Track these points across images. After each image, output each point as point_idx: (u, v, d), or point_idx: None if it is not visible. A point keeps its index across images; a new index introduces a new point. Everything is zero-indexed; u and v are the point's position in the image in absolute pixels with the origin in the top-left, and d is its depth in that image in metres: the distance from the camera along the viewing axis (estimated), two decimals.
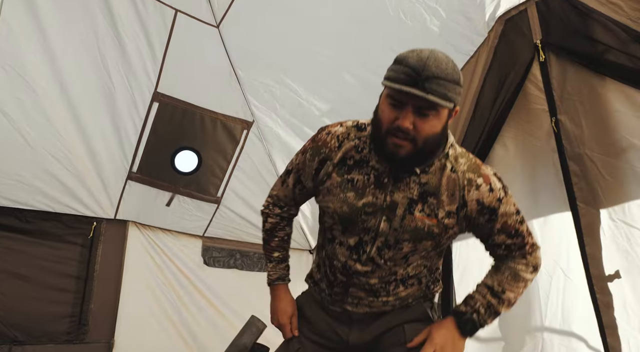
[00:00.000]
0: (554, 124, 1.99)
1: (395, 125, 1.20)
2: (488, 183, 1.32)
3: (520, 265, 1.40)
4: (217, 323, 3.43)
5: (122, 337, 3.10)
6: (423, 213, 1.32)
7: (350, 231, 1.38)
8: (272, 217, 1.59)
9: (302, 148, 1.48)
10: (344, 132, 1.39)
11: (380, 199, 1.33)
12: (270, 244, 1.62)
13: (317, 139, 1.43)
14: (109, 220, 3.22)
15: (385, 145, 1.24)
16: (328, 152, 1.39)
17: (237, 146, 3.37)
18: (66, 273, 3.02)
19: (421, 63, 1.16)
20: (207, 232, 3.59)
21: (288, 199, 1.56)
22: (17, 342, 2.77)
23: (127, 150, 3.09)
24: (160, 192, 3.31)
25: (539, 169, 2.25)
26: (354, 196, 1.34)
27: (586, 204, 1.86)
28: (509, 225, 1.35)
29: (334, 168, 1.37)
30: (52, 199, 2.97)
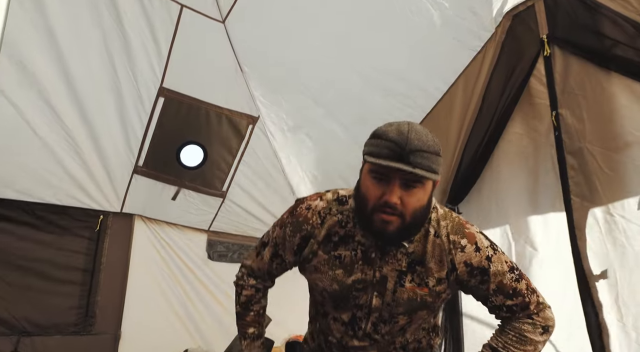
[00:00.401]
0: (554, 117, 1.98)
1: (382, 201, 1.16)
2: (473, 243, 1.29)
3: (525, 325, 1.29)
4: (222, 317, 3.46)
5: (128, 330, 3.14)
6: (413, 283, 1.28)
7: (342, 307, 1.33)
8: (247, 289, 1.49)
9: (280, 221, 1.40)
10: (325, 207, 1.32)
11: (370, 275, 1.28)
12: (245, 318, 1.50)
13: (296, 213, 1.35)
14: (116, 213, 3.25)
15: (372, 222, 1.20)
16: (310, 229, 1.32)
17: (242, 141, 3.39)
18: (73, 266, 3.06)
19: (403, 137, 1.14)
20: (212, 226, 3.62)
21: (262, 272, 1.48)
22: (25, 334, 2.81)
23: (133, 145, 3.11)
24: (166, 186, 3.34)
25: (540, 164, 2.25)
26: (342, 273, 1.30)
27: (582, 198, 1.85)
28: (505, 285, 1.29)
29: (319, 245, 1.31)
30: (60, 192, 3.01)
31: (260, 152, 3.50)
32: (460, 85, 2.65)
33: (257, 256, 1.48)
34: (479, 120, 2.53)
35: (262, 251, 1.46)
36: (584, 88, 1.93)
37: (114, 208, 3.24)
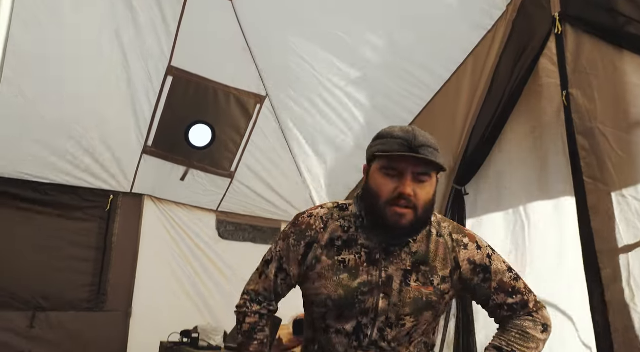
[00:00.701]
0: (565, 97, 1.95)
1: (397, 194, 1.21)
2: (474, 242, 1.35)
3: (527, 322, 1.33)
4: (231, 295, 3.50)
5: (139, 307, 3.21)
6: (419, 283, 1.30)
7: (346, 316, 1.31)
8: (251, 316, 1.40)
9: (282, 235, 1.40)
10: (326, 213, 1.36)
11: (376, 276, 1.29)
12: (249, 348, 1.41)
13: (298, 222, 1.37)
14: (125, 194, 3.29)
15: (385, 217, 1.23)
16: (314, 234, 1.33)
17: (250, 121, 3.39)
18: (85, 244, 3.12)
19: (410, 134, 1.22)
20: (221, 206, 3.65)
21: (268, 292, 1.41)
22: (40, 309, 2.88)
23: (142, 125, 3.13)
24: (175, 167, 3.36)
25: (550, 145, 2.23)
26: (347, 277, 1.29)
27: (594, 179, 1.83)
28: (505, 283, 1.33)
29: (323, 250, 1.32)
30: (70, 172, 3.05)
31: (268, 132, 3.50)
32: (469, 65, 2.61)
33: (261, 276, 1.41)
34: (488, 101, 2.50)
35: (265, 269, 1.41)
36: (596, 67, 1.90)
37: (124, 188, 3.28)
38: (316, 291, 1.31)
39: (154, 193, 3.40)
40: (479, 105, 2.57)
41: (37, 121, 2.85)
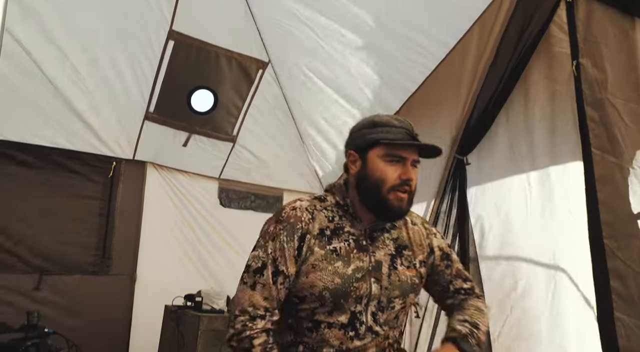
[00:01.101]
0: (575, 67, 1.91)
1: (402, 180, 1.30)
2: (437, 232, 1.51)
3: (479, 303, 1.45)
4: (234, 261, 3.57)
5: (143, 271, 3.27)
6: (404, 266, 1.38)
7: (339, 308, 1.30)
8: (258, 337, 1.25)
9: (268, 236, 1.32)
10: (309, 204, 1.36)
11: (366, 261, 1.33)
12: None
13: (284, 218, 1.33)
14: (128, 160, 3.30)
15: (388, 202, 1.31)
16: (305, 226, 1.32)
17: (252, 86, 3.35)
18: (89, 210, 3.15)
19: (406, 124, 1.35)
20: (223, 174, 3.66)
21: (269, 300, 1.29)
22: (46, 272, 2.93)
23: (144, 90, 3.10)
24: (177, 133, 3.35)
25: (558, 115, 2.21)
26: (342, 264, 1.31)
27: (602, 151, 1.82)
28: (461, 270, 1.48)
29: (315, 241, 1.31)
30: (73, 137, 3.05)
31: (270, 97, 3.47)
32: (475, 33, 2.55)
33: (254, 288, 1.28)
34: (493, 70, 2.46)
35: (258, 278, 1.29)
36: (607, 36, 1.85)
37: (127, 155, 3.28)
38: (310, 284, 1.28)
39: (156, 160, 3.41)
40: (483, 74, 2.53)
41: (41, 85, 2.82)
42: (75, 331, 2.64)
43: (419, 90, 2.98)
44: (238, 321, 1.26)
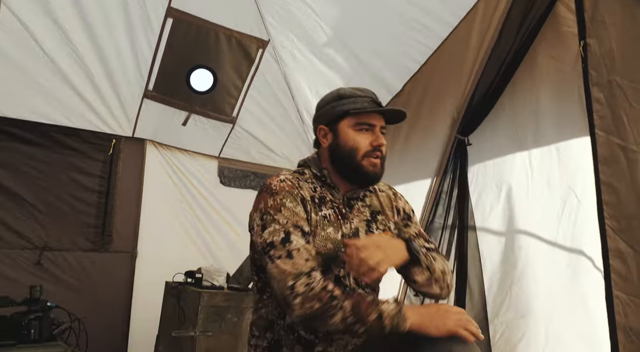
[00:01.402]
0: (582, 47, 1.90)
1: (374, 146, 1.38)
2: (402, 196, 1.59)
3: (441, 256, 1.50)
4: (233, 239, 3.59)
5: (144, 249, 3.28)
6: (379, 230, 1.45)
7: (327, 272, 1.33)
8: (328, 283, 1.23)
9: (274, 208, 1.30)
10: (293, 177, 1.42)
11: (348, 228, 1.40)
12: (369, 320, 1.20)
13: (277, 190, 1.33)
14: (128, 138, 3.28)
15: (362, 168, 1.38)
16: (300, 192, 1.37)
17: (252, 65, 3.32)
18: (88, 187, 3.14)
19: (369, 92, 1.43)
20: (223, 153, 3.65)
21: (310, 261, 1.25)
22: (47, 248, 2.94)
23: (142, 68, 3.07)
24: (177, 112, 3.33)
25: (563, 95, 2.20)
26: (333, 230, 1.37)
27: (607, 132, 1.82)
28: (421, 231, 1.54)
29: (311, 207, 1.37)
30: (72, 114, 3.03)
31: (270, 77, 3.44)
32: (479, 11, 2.53)
33: (291, 257, 1.23)
34: (497, 49, 2.45)
35: (289, 247, 1.25)
36: (614, 16, 1.83)
37: (126, 133, 3.27)
38: None
39: (155, 138, 3.39)
40: (487, 54, 2.52)
41: (40, 62, 2.80)
42: (77, 306, 2.65)
43: (421, 70, 2.97)
44: (298, 286, 1.20)
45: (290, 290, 1.20)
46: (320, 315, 1.19)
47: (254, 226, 1.35)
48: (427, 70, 2.93)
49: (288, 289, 1.20)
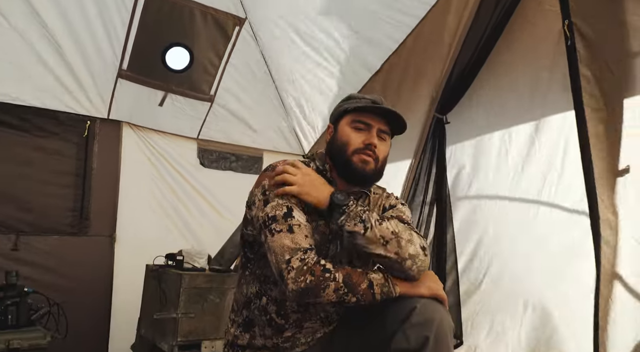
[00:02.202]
0: (567, 26, 1.90)
1: (365, 144, 1.39)
2: (397, 198, 1.60)
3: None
4: (215, 221, 3.58)
5: (123, 232, 3.23)
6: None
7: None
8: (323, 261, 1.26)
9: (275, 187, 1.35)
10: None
11: (335, 225, 1.37)
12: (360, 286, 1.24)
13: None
14: (103, 120, 3.20)
15: (352, 164, 1.40)
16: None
17: (229, 43, 3.26)
18: (64, 170, 3.07)
19: (378, 98, 1.45)
20: (202, 134, 3.60)
21: (309, 239, 1.28)
22: (22, 233, 2.88)
23: (115, 47, 2.98)
24: (153, 92, 3.26)
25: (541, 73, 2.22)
26: (323, 223, 1.39)
27: (595, 110, 1.85)
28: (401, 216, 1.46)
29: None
30: (43, 95, 2.93)
31: (248, 56, 3.39)
32: None
33: (292, 231, 1.26)
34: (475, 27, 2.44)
35: (291, 222, 1.27)
36: None
37: (101, 114, 3.18)
38: None
39: (131, 120, 3.32)
40: (465, 31, 2.51)
41: (5, 40, 2.69)
42: (56, 291, 2.64)
43: (400, 48, 2.95)
44: (294, 260, 1.22)
45: (286, 264, 1.23)
46: (314, 288, 1.21)
47: (255, 200, 1.37)
48: (406, 49, 2.92)
49: (284, 263, 1.23)
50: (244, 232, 1.46)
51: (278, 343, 1.41)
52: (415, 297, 1.26)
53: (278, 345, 1.41)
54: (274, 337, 1.41)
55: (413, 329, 1.21)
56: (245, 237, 1.46)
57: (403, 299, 1.26)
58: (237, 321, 1.47)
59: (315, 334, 1.44)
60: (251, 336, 1.43)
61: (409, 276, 1.29)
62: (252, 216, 1.39)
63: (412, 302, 1.25)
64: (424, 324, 1.21)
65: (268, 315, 1.41)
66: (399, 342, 1.22)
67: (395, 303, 1.26)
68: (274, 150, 3.85)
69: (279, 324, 1.40)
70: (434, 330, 1.20)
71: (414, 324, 1.21)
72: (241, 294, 1.47)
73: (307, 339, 1.43)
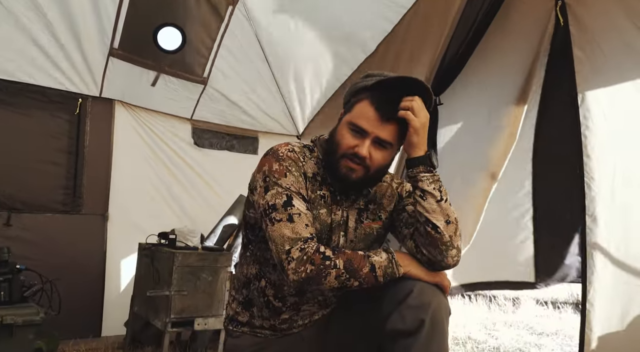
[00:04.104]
0: (559, 8, 1.91)
1: (353, 152, 1.28)
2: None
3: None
4: (209, 200, 3.59)
5: (116, 210, 3.23)
6: (369, 220, 1.43)
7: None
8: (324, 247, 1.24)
9: (279, 173, 1.30)
10: (300, 150, 1.38)
11: (338, 215, 1.38)
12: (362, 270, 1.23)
13: (283, 157, 1.33)
14: (95, 97, 3.18)
15: (338, 167, 1.31)
16: (302, 165, 1.35)
17: (222, 23, 3.22)
18: (56, 148, 3.05)
19: (395, 82, 1.29)
20: (196, 115, 3.58)
21: (309, 227, 1.26)
22: (15, 210, 2.87)
23: (106, 24, 2.94)
24: (145, 71, 3.23)
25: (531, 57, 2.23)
26: (325, 212, 1.36)
27: (588, 91, 1.87)
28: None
29: (308, 183, 1.35)
30: (33, 72, 2.90)
31: (241, 37, 3.35)
32: None
33: (292, 221, 1.24)
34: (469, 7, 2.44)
35: (291, 211, 1.25)
36: None
37: (92, 92, 3.16)
38: None
39: (124, 98, 3.29)
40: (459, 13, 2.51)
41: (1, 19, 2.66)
42: (49, 268, 2.63)
43: (395, 30, 2.94)
44: (294, 251, 1.21)
45: (286, 254, 1.22)
46: (315, 277, 1.20)
47: (257, 186, 1.34)
48: (402, 30, 2.91)
49: (284, 253, 1.22)
50: (246, 213, 1.45)
51: (275, 324, 1.43)
52: (414, 280, 1.26)
53: (275, 326, 1.43)
54: (271, 318, 1.43)
55: (409, 310, 1.20)
56: (247, 219, 1.45)
57: (401, 281, 1.25)
58: (237, 299, 1.49)
59: (312, 317, 1.45)
60: (250, 315, 1.45)
61: (443, 264, 1.29)
62: (254, 200, 1.37)
63: (410, 284, 1.24)
64: (420, 306, 1.20)
65: (266, 297, 1.42)
66: (394, 323, 1.21)
67: (393, 285, 1.25)
68: (268, 131, 3.85)
69: (277, 307, 1.41)
70: (430, 313, 1.19)
71: (411, 306, 1.21)
72: (242, 274, 1.48)
73: (304, 321, 1.45)
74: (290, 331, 1.44)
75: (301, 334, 1.45)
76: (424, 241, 1.29)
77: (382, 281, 1.24)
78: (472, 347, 3.38)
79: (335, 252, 1.24)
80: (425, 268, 1.30)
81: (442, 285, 1.30)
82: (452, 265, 1.30)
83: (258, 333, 1.45)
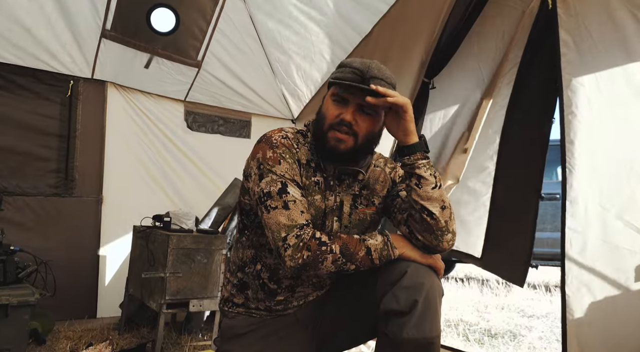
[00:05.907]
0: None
1: (339, 119, 1.30)
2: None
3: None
4: (201, 183, 3.58)
5: (110, 194, 3.22)
6: (363, 205, 1.43)
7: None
8: (319, 233, 1.26)
9: (272, 160, 1.31)
10: (294, 137, 1.39)
11: (332, 201, 1.39)
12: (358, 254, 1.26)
13: (277, 143, 1.33)
14: (87, 79, 3.14)
15: (327, 141, 1.32)
16: (296, 152, 1.36)
17: (216, 6, 3.18)
18: (48, 130, 3.03)
19: (365, 66, 1.30)
20: (189, 97, 3.56)
21: (305, 214, 1.27)
22: (6, 193, 2.86)
23: (98, 4, 2.89)
24: (138, 53, 3.19)
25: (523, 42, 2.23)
26: (320, 198, 1.37)
27: (573, 76, 1.87)
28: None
29: (303, 170, 1.36)
30: (24, 53, 2.86)
31: (236, 20, 3.31)
32: None
33: (287, 208, 1.25)
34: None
35: (286, 198, 1.26)
36: None
37: (84, 74, 3.13)
38: None
39: (116, 80, 3.26)
40: None
41: None
42: (43, 250, 2.64)
43: (390, 11, 2.92)
44: (290, 238, 1.22)
45: (283, 241, 1.23)
46: (312, 262, 1.22)
47: (251, 174, 1.35)
48: (397, 12, 2.89)
49: (281, 240, 1.23)
50: (241, 200, 1.46)
51: (270, 306, 1.46)
52: (408, 261, 1.28)
53: (270, 307, 1.46)
54: (266, 300, 1.45)
55: (403, 291, 1.22)
56: (242, 205, 1.46)
57: (395, 263, 1.27)
58: (232, 281, 1.51)
59: (307, 298, 1.48)
60: (245, 297, 1.47)
61: (439, 248, 1.30)
62: (249, 188, 1.38)
63: (404, 266, 1.26)
64: (414, 287, 1.22)
65: (261, 280, 1.44)
66: (388, 303, 1.23)
67: (387, 267, 1.27)
68: (262, 114, 3.83)
69: (272, 289, 1.44)
70: (423, 294, 1.21)
71: (404, 287, 1.22)
72: (237, 257, 1.50)
73: (299, 303, 1.48)
74: (285, 312, 1.47)
75: (296, 315, 1.48)
76: (419, 227, 1.30)
77: (378, 263, 1.27)
78: (463, 329, 3.43)
79: (331, 237, 1.26)
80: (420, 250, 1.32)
81: (436, 266, 1.32)
82: (448, 249, 1.33)
83: (253, 314, 1.47)
